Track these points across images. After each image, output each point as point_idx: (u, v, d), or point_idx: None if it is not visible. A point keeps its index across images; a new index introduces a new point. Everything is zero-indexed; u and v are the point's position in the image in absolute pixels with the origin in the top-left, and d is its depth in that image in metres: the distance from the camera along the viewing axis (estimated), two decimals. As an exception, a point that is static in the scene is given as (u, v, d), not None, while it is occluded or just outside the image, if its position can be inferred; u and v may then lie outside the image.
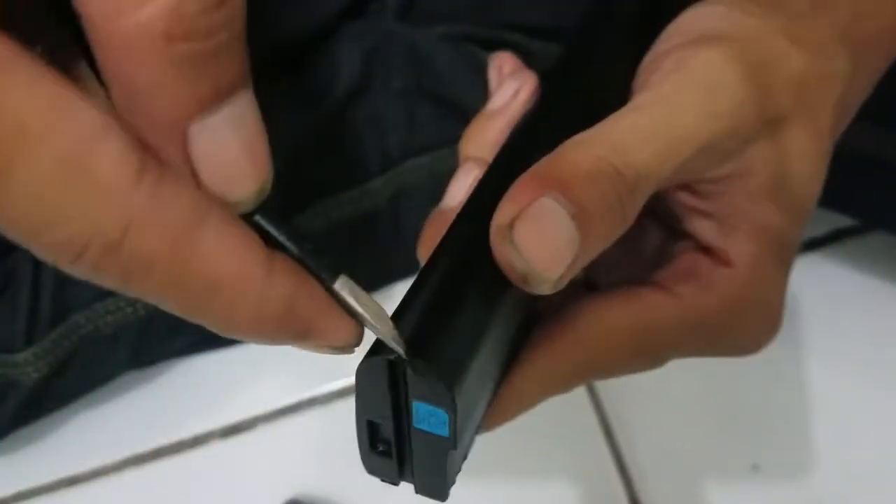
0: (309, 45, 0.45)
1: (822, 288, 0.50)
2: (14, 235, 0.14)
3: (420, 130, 0.45)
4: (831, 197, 0.44)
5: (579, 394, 0.50)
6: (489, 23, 0.45)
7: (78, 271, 0.14)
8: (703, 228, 0.24)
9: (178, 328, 0.48)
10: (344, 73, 0.45)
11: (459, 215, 0.21)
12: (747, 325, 0.24)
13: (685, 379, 0.49)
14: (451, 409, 0.16)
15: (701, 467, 0.47)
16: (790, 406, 0.48)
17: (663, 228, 0.26)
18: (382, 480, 0.19)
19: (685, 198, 0.24)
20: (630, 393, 0.50)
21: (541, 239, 0.19)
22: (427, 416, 0.17)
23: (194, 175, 0.15)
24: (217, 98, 0.14)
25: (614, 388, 0.50)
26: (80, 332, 0.44)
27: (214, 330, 0.16)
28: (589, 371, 0.23)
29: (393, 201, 0.46)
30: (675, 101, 0.21)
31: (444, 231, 0.21)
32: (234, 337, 0.16)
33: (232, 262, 0.15)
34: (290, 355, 0.51)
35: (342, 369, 0.52)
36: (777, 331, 0.25)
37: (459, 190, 0.26)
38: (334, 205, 0.46)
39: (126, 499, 0.50)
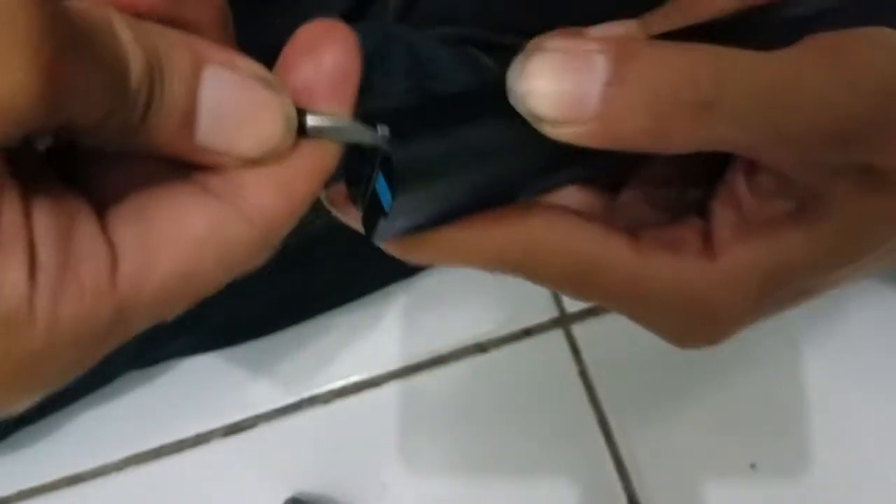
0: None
1: (819, 288, 0.51)
2: None
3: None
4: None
5: (578, 393, 0.50)
6: (489, 25, 0.45)
7: None
8: (722, 216, 0.21)
9: (180, 329, 0.48)
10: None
11: None
12: (681, 322, 0.22)
13: (683, 378, 0.50)
14: (397, 196, 0.18)
15: (699, 466, 0.47)
16: (788, 405, 0.48)
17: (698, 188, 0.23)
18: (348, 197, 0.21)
19: (744, 180, 0.21)
20: (628, 392, 0.50)
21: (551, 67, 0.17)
22: (381, 187, 0.18)
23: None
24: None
25: (613, 388, 0.50)
26: (83, 332, 0.45)
27: None
28: (514, 268, 0.21)
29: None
30: (803, 59, 0.17)
31: None
32: None
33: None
34: (291, 355, 0.52)
35: (342, 369, 0.52)
36: (709, 346, 0.23)
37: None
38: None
39: (128, 497, 0.50)
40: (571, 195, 0.24)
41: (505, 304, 0.53)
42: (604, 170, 0.23)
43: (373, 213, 0.19)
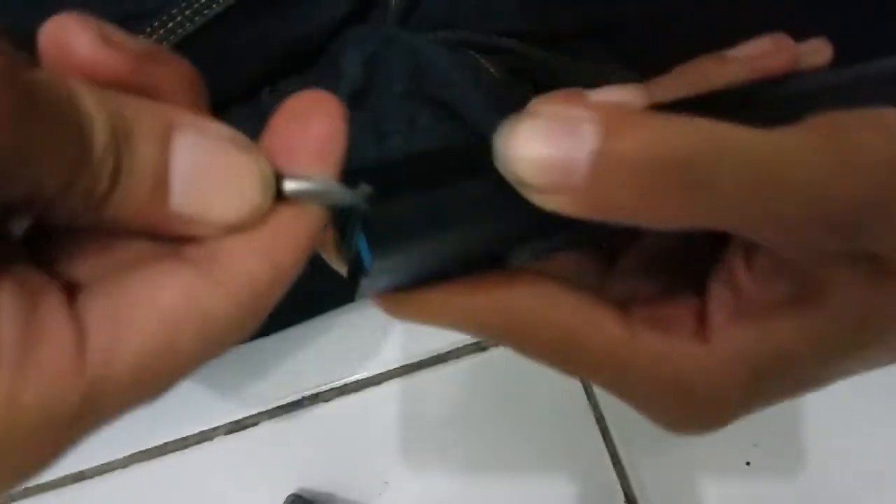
0: (311, 50, 0.46)
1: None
2: None
3: (420, 134, 0.46)
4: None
5: (577, 392, 0.50)
6: (489, 29, 0.45)
7: None
8: (719, 298, 0.20)
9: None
10: (345, 78, 0.45)
11: None
12: (667, 406, 0.21)
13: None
14: (375, 256, 0.18)
15: (695, 463, 0.47)
16: (783, 404, 0.48)
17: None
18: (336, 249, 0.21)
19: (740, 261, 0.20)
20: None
21: (538, 132, 0.16)
22: (363, 246, 0.18)
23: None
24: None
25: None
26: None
27: None
28: (495, 336, 0.20)
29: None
30: (802, 141, 0.17)
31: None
32: None
33: None
34: (293, 354, 0.52)
35: (344, 368, 0.52)
36: (697, 434, 0.22)
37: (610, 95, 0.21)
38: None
39: (132, 494, 0.51)
40: (565, 261, 0.23)
41: (504, 303, 0.53)
42: (598, 239, 0.22)
43: (356, 268, 0.19)
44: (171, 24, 0.39)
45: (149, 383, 0.15)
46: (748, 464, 0.47)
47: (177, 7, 0.39)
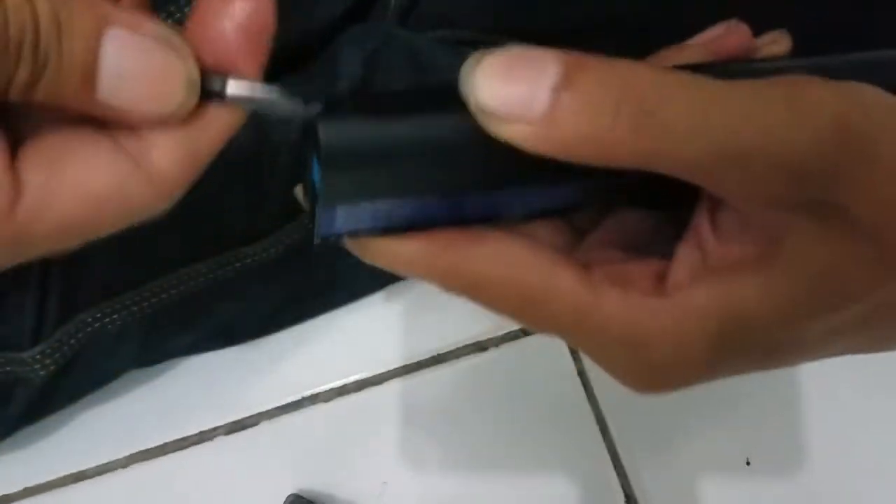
0: (310, 48, 0.46)
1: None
2: None
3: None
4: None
5: (576, 391, 0.50)
6: (488, 28, 0.45)
7: None
8: (683, 257, 0.21)
9: (184, 326, 0.48)
10: (345, 76, 0.45)
11: None
12: (625, 362, 0.21)
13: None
14: (321, 167, 0.18)
15: (695, 462, 0.47)
16: (783, 402, 0.48)
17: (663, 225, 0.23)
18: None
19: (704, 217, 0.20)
20: (625, 391, 0.50)
21: (499, 68, 0.17)
22: (316, 171, 0.19)
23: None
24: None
25: (610, 386, 0.50)
26: (87, 331, 0.45)
27: None
28: (458, 293, 0.21)
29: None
30: (753, 88, 0.17)
31: None
32: None
33: None
34: (292, 353, 0.52)
35: (343, 368, 0.52)
36: (656, 393, 0.22)
37: None
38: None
39: (132, 494, 0.50)
40: (538, 225, 0.23)
41: (504, 303, 0.53)
42: (561, 203, 0.22)
43: (312, 198, 0.19)
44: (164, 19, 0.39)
45: (66, 242, 0.18)
46: (748, 463, 0.47)
47: (174, 4, 0.39)
